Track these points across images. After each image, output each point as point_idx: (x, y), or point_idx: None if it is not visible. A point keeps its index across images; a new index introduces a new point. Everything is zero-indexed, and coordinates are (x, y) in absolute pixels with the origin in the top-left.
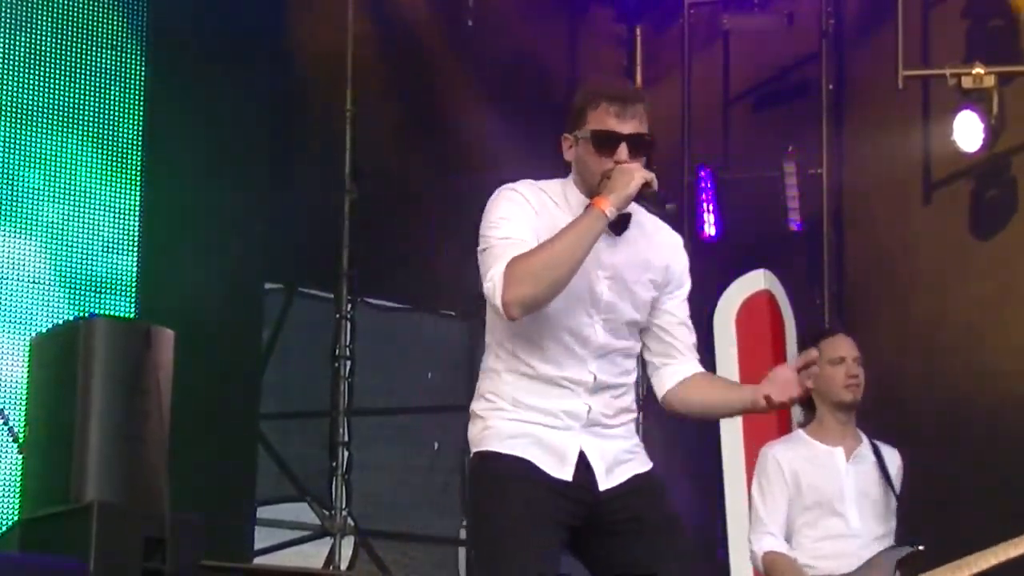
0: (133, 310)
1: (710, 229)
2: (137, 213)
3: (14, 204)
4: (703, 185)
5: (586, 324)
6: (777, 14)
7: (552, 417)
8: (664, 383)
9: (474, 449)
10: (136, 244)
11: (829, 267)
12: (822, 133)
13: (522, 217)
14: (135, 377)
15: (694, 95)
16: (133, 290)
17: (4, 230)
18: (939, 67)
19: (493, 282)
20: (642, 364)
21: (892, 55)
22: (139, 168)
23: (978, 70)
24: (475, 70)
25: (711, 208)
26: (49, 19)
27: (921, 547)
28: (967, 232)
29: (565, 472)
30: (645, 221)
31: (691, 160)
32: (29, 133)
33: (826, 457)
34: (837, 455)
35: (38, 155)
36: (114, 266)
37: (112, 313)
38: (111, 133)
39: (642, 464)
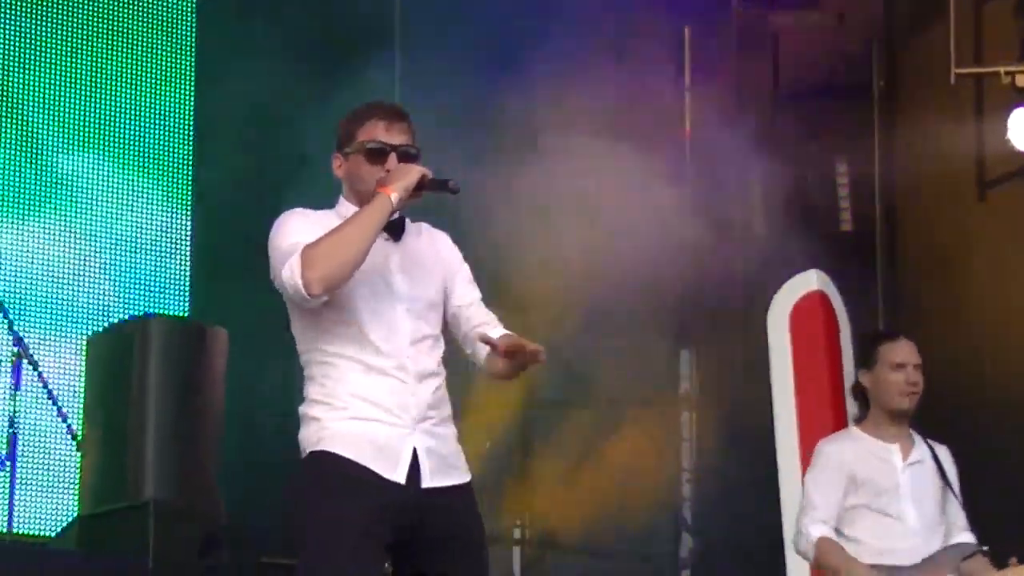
0: (187, 309)
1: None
2: (190, 213)
3: (70, 205)
4: None
5: (392, 312)
6: (828, 13)
7: (387, 412)
8: (480, 354)
9: (309, 449)
10: (190, 244)
11: (882, 267)
12: (874, 132)
13: (305, 228)
14: (190, 376)
15: (743, 95)
16: (187, 290)
17: (60, 231)
18: (992, 65)
19: (291, 268)
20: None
21: (944, 53)
22: (191, 169)
23: None
24: (521, 69)
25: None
26: (104, 24)
27: (985, 548)
28: (1019, 229)
29: (398, 474)
30: (415, 228)
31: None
32: (83, 135)
33: (883, 453)
34: (893, 452)
35: (94, 157)
36: (169, 266)
37: (167, 312)
38: (163, 134)
39: (464, 474)
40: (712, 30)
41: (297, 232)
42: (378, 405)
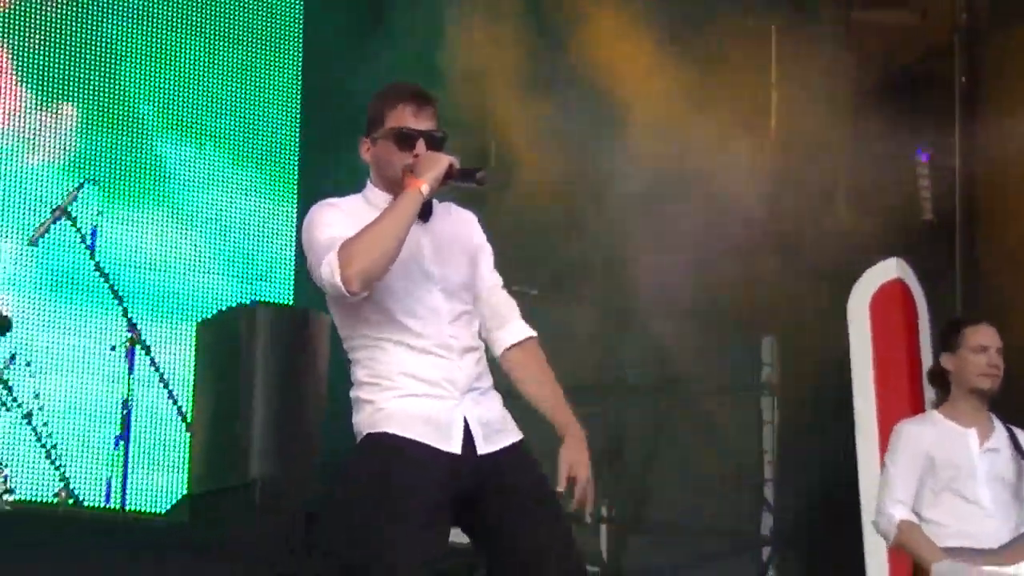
0: (292, 296)
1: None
2: (295, 204)
3: (181, 197)
4: None
5: (429, 295)
6: (910, 8)
7: (436, 387)
8: (501, 343)
9: (366, 431)
10: (294, 233)
11: (962, 256)
12: (955, 124)
13: (339, 220)
14: (294, 360)
15: (828, 89)
16: (292, 277)
17: (171, 222)
18: None
19: (330, 266)
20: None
21: None
22: (296, 161)
23: None
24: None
25: None
26: (213, 18)
27: None
28: None
29: (453, 445)
30: (443, 209)
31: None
32: (194, 129)
33: (959, 437)
34: (970, 436)
35: (203, 150)
36: (274, 254)
37: (272, 299)
38: (270, 127)
39: (515, 433)
40: (798, 27)
41: (331, 225)
42: (426, 381)
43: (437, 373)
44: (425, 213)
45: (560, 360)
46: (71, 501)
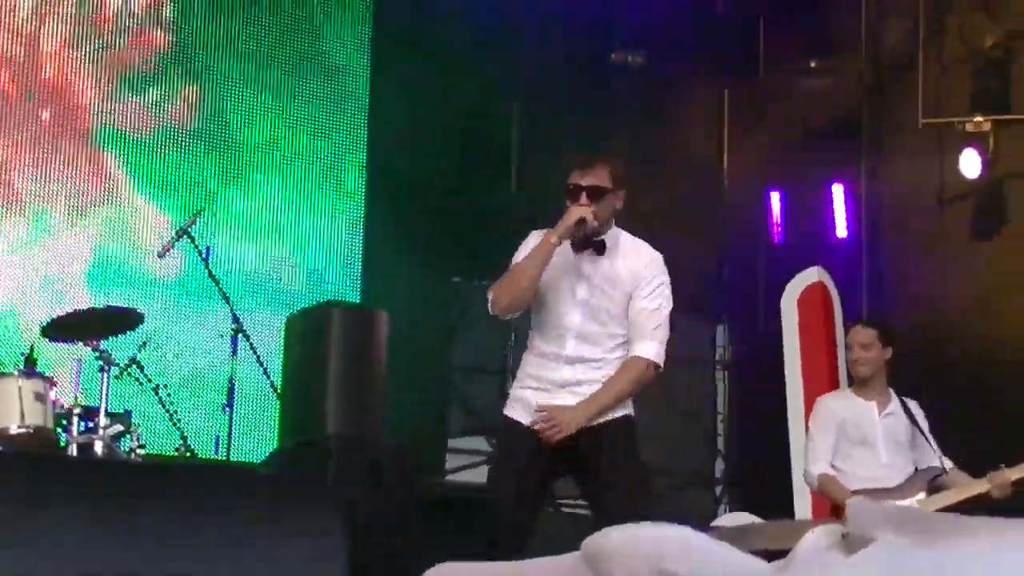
0: (359, 298)
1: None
2: (362, 226)
3: (273, 221)
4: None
5: (569, 314)
6: (832, 74)
7: (540, 382)
8: (627, 355)
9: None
10: (361, 248)
11: (867, 264)
12: (861, 164)
13: (524, 251)
14: (360, 346)
15: (768, 139)
16: (358, 283)
17: (265, 240)
18: (949, 116)
19: (488, 295)
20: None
21: (915, 107)
22: (363, 193)
23: (978, 119)
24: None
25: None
26: (292, 89)
27: (947, 468)
28: (969, 236)
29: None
30: (626, 245)
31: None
32: (284, 169)
33: (864, 407)
34: (871, 407)
35: (290, 185)
36: (345, 265)
37: (344, 300)
38: (343, 165)
39: (606, 417)
40: (744, 91)
41: (518, 255)
42: (533, 377)
43: (544, 373)
44: (600, 248)
45: None
46: (188, 454)
